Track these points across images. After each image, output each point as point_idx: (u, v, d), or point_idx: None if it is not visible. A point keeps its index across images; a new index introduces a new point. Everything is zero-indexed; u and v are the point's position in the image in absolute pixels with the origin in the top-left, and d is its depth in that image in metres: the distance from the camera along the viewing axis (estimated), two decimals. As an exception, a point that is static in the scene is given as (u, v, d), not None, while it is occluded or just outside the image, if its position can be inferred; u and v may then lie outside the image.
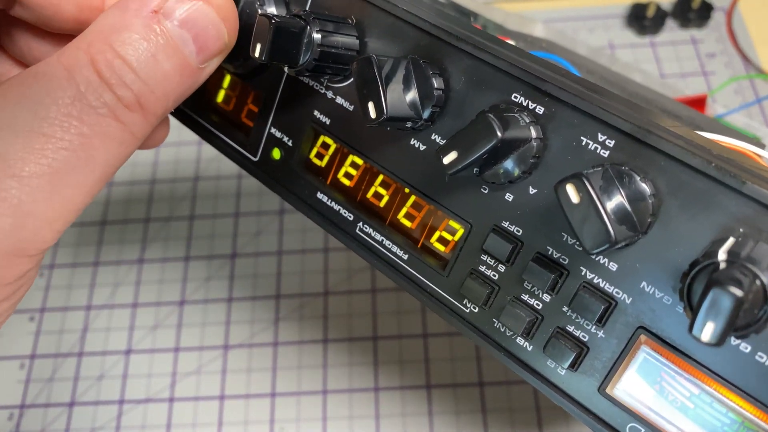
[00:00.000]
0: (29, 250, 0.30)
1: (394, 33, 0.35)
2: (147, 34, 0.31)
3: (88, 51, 0.31)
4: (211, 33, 0.33)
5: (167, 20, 0.32)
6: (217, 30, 0.33)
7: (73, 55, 0.31)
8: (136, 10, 0.31)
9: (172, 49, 0.32)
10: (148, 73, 0.31)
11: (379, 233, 0.38)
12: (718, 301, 0.24)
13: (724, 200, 0.28)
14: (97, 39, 0.31)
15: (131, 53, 0.31)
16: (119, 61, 0.31)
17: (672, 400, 0.31)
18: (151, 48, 0.31)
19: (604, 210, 0.27)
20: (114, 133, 0.31)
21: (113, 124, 0.31)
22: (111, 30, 0.31)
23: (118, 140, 0.32)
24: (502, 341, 0.35)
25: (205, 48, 0.33)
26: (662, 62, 0.76)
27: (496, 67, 0.33)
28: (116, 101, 0.31)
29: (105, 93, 0.30)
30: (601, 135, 0.30)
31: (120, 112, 0.31)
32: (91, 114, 0.30)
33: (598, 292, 0.31)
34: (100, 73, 0.30)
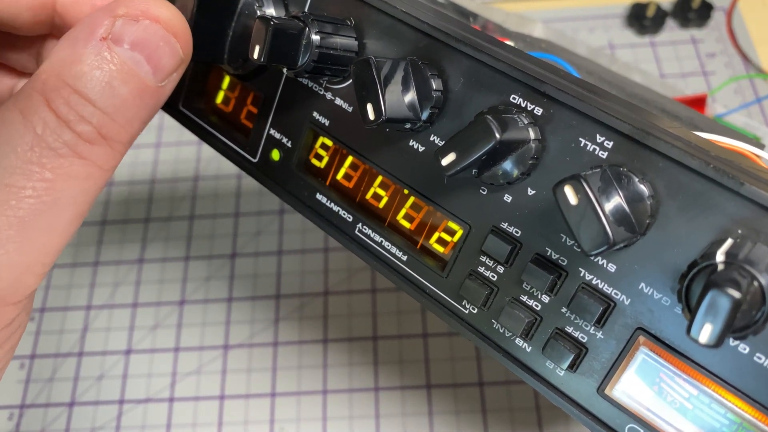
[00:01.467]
0: (11, 298, 0.30)
1: (393, 34, 0.35)
2: (99, 63, 0.31)
3: (43, 91, 0.30)
4: (165, 50, 0.32)
5: (117, 45, 0.31)
6: (170, 46, 0.33)
7: (27, 97, 0.30)
8: (84, 40, 0.31)
9: (127, 74, 0.31)
10: (106, 102, 0.31)
11: (378, 234, 0.38)
12: (716, 303, 0.24)
13: (723, 201, 0.28)
14: (50, 77, 0.30)
15: (86, 85, 0.30)
16: (75, 95, 0.30)
17: (671, 401, 0.31)
18: (105, 76, 0.31)
19: (602, 211, 0.27)
20: (78, 171, 0.31)
21: (76, 162, 0.31)
22: (63, 65, 0.31)
23: (83, 177, 0.31)
24: (501, 342, 0.35)
25: (160, 66, 0.32)
26: (662, 62, 0.76)
27: (494, 68, 0.33)
28: (76, 138, 0.30)
29: (63, 132, 0.30)
30: (599, 136, 0.31)
31: (81, 148, 0.31)
32: (51, 157, 0.30)
33: (596, 293, 0.31)
34: (57, 111, 0.30)
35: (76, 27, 0.32)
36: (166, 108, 0.47)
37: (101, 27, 0.31)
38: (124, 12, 0.31)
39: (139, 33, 0.31)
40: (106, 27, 0.31)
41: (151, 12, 0.32)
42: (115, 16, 0.31)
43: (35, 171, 0.30)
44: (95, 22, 0.31)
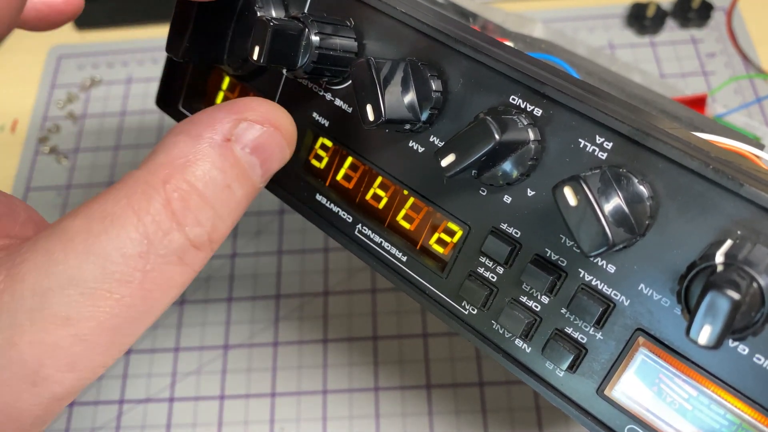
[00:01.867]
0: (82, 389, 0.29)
1: (393, 35, 0.35)
2: (222, 164, 0.30)
3: (164, 190, 0.28)
4: (277, 156, 0.32)
5: (239, 147, 0.30)
6: (282, 153, 0.33)
7: (145, 196, 0.28)
8: (209, 138, 0.30)
9: (244, 177, 0.31)
10: (223, 206, 0.30)
11: (378, 235, 0.38)
12: (715, 304, 0.24)
13: (722, 203, 0.28)
14: (172, 174, 0.29)
15: (209, 188, 0.29)
16: (196, 198, 0.29)
17: (670, 401, 0.31)
18: (227, 178, 0.30)
19: (602, 212, 0.27)
20: (177, 281, 0.29)
21: (178, 270, 0.29)
22: (185, 163, 0.29)
23: (179, 285, 0.30)
24: (500, 343, 0.35)
25: (269, 170, 0.32)
26: (662, 62, 0.76)
27: (493, 69, 0.33)
28: (186, 245, 0.29)
29: (174, 238, 0.28)
30: (599, 137, 0.31)
31: (188, 255, 0.29)
32: (157, 265, 0.28)
33: (596, 294, 0.31)
34: (174, 214, 0.28)
35: (196, 122, 0.31)
36: (165, 108, 0.48)
37: (226, 126, 0.30)
38: (251, 117, 0.31)
39: (261, 138, 0.31)
40: (230, 127, 0.30)
41: (275, 120, 0.32)
42: (241, 118, 0.31)
43: (138, 280, 0.28)
44: (218, 120, 0.30)
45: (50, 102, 0.79)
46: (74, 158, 0.75)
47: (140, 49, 0.83)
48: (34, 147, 0.76)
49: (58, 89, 0.80)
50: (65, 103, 0.79)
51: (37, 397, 0.28)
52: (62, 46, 0.84)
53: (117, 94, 0.79)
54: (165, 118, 0.77)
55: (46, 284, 0.27)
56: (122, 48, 0.83)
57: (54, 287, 0.27)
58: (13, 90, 0.81)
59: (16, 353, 0.27)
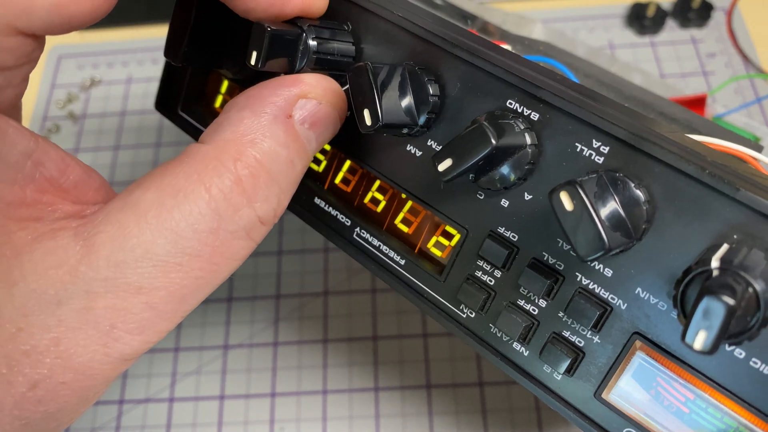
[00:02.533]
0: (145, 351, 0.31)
1: (390, 39, 0.35)
2: (286, 141, 0.31)
3: (235, 168, 0.29)
4: (330, 130, 0.34)
5: (299, 123, 0.31)
6: (335, 127, 0.34)
7: (216, 172, 0.29)
8: (274, 115, 0.31)
9: (303, 151, 0.32)
10: (287, 181, 0.31)
11: (376, 238, 0.38)
12: (711, 310, 0.24)
13: (718, 207, 0.28)
14: (241, 151, 0.30)
15: (275, 164, 0.30)
16: (265, 175, 0.30)
17: (667, 405, 0.31)
18: (290, 154, 0.31)
19: (598, 217, 0.27)
20: (242, 253, 0.31)
21: (245, 245, 0.30)
22: (252, 140, 0.30)
23: (242, 257, 0.31)
24: (498, 346, 0.35)
25: (322, 143, 0.34)
26: (662, 62, 0.76)
27: (491, 73, 0.33)
28: (255, 221, 0.30)
29: (244, 214, 0.30)
30: (595, 141, 0.31)
31: (254, 230, 0.30)
32: (226, 241, 0.29)
33: (593, 297, 0.32)
34: (245, 191, 0.29)
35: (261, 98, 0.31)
36: (165, 112, 0.48)
37: (291, 106, 0.31)
38: (312, 95, 0.32)
39: (319, 114, 0.32)
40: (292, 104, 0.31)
41: (332, 96, 0.33)
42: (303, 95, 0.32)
43: (208, 254, 0.29)
44: (281, 96, 0.31)
45: (50, 102, 0.79)
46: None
47: (140, 49, 0.83)
48: (35, 147, 0.76)
49: (58, 89, 0.80)
50: (65, 103, 0.79)
51: (108, 357, 0.29)
52: (62, 46, 0.84)
53: (117, 94, 0.80)
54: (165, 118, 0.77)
55: (121, 256, 0.28)
56: (122, 48, 0.83)
57: (128, 260, 0.28)
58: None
59: (92, 316, 0.28)
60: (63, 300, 0.28)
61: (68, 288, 0.28)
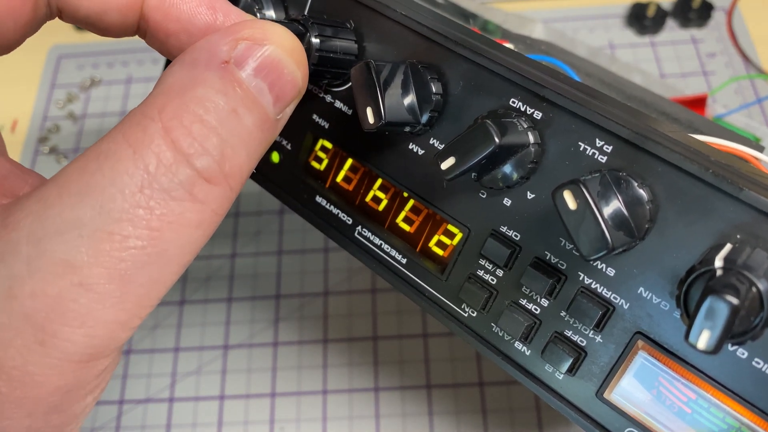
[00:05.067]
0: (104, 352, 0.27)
1: (393, 37, 0.35)
2: (224, 87, 0.27)
3: (160, 118, 0.26)
4: (287, 79, 0.29)
5: (241, 70, 0.27)
6: (293, 75, 0.29)
7: (139, 126, 0.26)
8: (206, 62, 0.27)
9: (251, 101, 0.28)
10: (231, 133, 0.27)
11: (377, 237, 0.38)
12: (715, 309, 0.24)
13: (722, 207, 0.28)
14: (168, 102, 0.26)
15: (210, 113, 0.26)
16: (198, 124, 0.26)
17: (669, 405, 0.31)
18: (230, 102, 0.27)
19: (601, 216, 0.27)
20: (191, 218, 0.27)
21: (189, 207, 0.26)
22: (182, 89, 0.27)
23: (195, 224, 0.27)
24: (500, 346, 0.35)
25: (281, 96, 0.29)
26: (662, 62, 0.76)
27: (493, 72, 0.33)
28: (195, 177, 0.26)
29: (180, 169, 0.26)
30: (598, 140, 0.31)
31: (198, 189, 0.27)
32: (162, 200, 0.26)
33: (595, 297, 0.31)
34: (176, 143, 0.26)
35: (192, 49, 0.28)
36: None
37: (223, 48, 0.28)
38: (248, 35, 0.28)
39: (264, 58, 0.28)
40: (227, 49, 0.28)
41: (275, 37, 0.29)
42: (238, 38, 0.28)
43: (142, 217, 0.25)
44: (215, 43, 0.28)
45: (50, 102, 0.79)
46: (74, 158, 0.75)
47: (140, 49, 0.83)
48: (34, 147, 0.76)
49: (58, 89, 0.80)
50: (65, 103, 0.79)
51: (47, 357, 0.25)
52: (62, 45, 0.84)
53: (117, 94, 0.79)
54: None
55: (41, 230, 0.25)
56: (122, 48, 0.83)
57: (50, 232, 0.25)
58: (13, 90, 0.81)
59: (17, 306, 0.24)
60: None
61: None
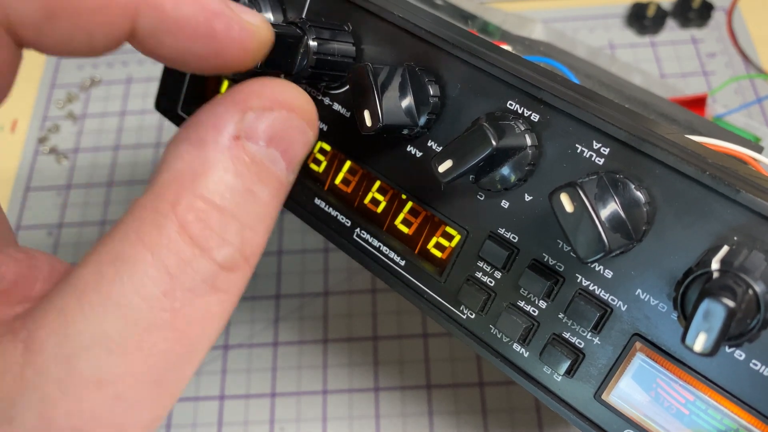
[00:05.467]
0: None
1: (390, 40, 0.35)
2: (237, 168, 0.25)
3: (175, 214, 0.24)
4: (299, 141, 0.28)
5: (252, 143, 0.26)
6: (304, 136, 0.28)
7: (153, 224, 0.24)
8: (214, 142, 0.25)
9: (265, 175, 0.26)
10: (249, 215, 0.26)
11: (376, 239, 0.38)
12: (711, 312, 0.24)
13: (719, 209, 0.28)
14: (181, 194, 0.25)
15: (227, 198, 0.25)
16: (216, 213, 0.25)
17: (667, 406, 0.31)
18: (246, 182, 0.26)
19: (598, 218, 0.27)
20: (215, 310, 0.25)
21: (213, 300, 0.25)
22: (193, 176, 0.25)
23: (219, 315, 0.26)
24: (498, 347, 0.35)
25: (293, 160, 0.28)
26: (662, 62, 0.76)
27: (491, 74, 0.33)
28: (216, 270, 0.25)
29: (202, 265, 0.25)
30: (596, 143, 0.31)
31: (221, 281, 0.25)
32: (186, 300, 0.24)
33: (593, 299, 0.32)
34: (195, 239, 0.24)
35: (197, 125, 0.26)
36: (165, 112, 0.48)
37: (231, 123, 0.26)
38: (257, 104, 0.27)
39: (275, 125, 0.27)
40: (236, 123, 0.26)
41: (286, 100, 0.27)
42: (246, 108, 0.26)
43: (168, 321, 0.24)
44: (222, 117, 0.26)
45: (50, 102, 0.79)
46: (74, 158, 0.75)
47: (140, 48, 0.83)
48: (34, 147, 0.76)
49: (58, 89, 0.80)
50: (65, 103, 0.79)
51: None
52: (62, 45, 0.84)
53: (117, 94, 0.79)
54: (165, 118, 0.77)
55: (68, 349, 0.23)
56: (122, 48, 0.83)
57: (77, 350, 0.23)
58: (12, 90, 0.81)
59: (55, 428, 0.24)
60: (15, 416, 0.23)
61: (18, 400, 0.23)
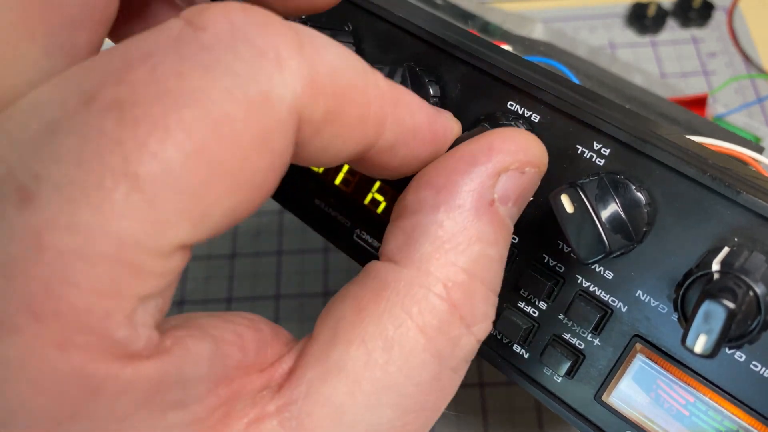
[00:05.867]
0: None
1: (391, 40, 0.35)
2: (495, 236, 0.24)
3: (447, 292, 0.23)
4: (530, 193, 0.27)
5: (503, 206, 0.25)
6: (535, 188, 0.27)
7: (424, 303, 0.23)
8: (475, 208, 0.24)
9: (509, 236, 0.25)
10: (498, 281, 0.25)
11: (376, 240, 0.38)
12: (711, 314, 0.24)
13: (719, 210, 0.28)
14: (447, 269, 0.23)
15: (489, 272, 0.24)
16: (481, 288, 0.24)
17: (667, 408, 0.31)
18: (501, 248, 0.25)
19: (599, 219, 0.27)
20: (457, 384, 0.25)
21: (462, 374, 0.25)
22: (457, 251, 0.24)
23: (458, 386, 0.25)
24: (498, 348, 0.35)
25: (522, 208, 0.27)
26: (663, 62, 0.76)
27: (491, 75, 0.33)
28: (474, 346, 0.24)
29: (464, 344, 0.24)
30: (596, 143, 0.30)
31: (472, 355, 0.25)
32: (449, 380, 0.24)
33: (593, 300, 0.31)
34: (463, 318, 0.23)
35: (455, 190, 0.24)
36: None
37: (488, 189, 0.24)
38: (513, 164, 0.25)
39: (525, 186, 0.25)
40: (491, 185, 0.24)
41: (535, 158, 0.26)
42: (501, 170, 0.25)
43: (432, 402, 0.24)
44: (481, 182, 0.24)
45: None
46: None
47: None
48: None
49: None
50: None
51: None
52: (62, 45, 0.84)
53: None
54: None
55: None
56: (122, 47, 0.83)
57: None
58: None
59: None
60: None
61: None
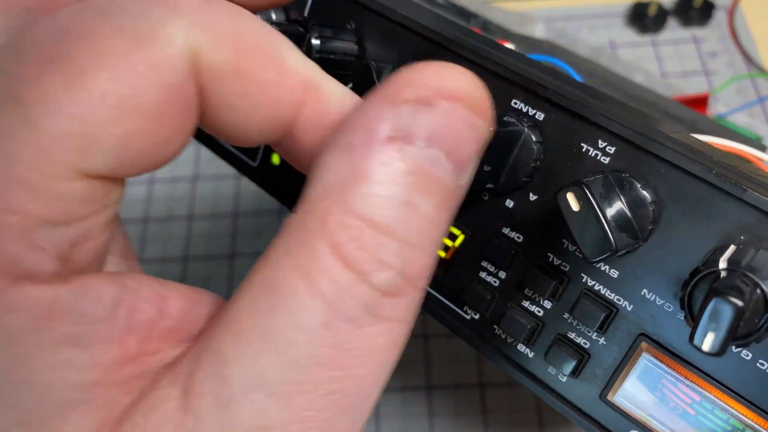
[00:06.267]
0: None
1: (393, 38, 0.35)
2: (392, 176, 0.21)
3: (325, 233, 0.21)
4: (467, 136, 0.23)
5: (409, 144, 0.21)
6: (474, 129, 0.23)
7: (306, 248, 0.21)
8: (365, 146, 0.21)
9: (426, 182, 0.22)
10: (409, 230, 0.22)
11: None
12: (719, 311, 0.24)
13: (725, 208, 0.28)
14: (330, 209, 0.21)
15: (380, 213, 0.21)
16: (371, 231, 0.21)
17: (673, 407, 0.31)
18: (403, 192, 0.21)
19: (604, 217, 0.27)
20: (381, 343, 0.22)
21: (377, 330, 0.22)
22: (342, 188, 0.21)
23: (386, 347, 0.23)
24: (502, 348, 0.35)
25: (462, 159, 0.23)
26: (663, 61, 0.76)
27: (494, 73, 0.32)
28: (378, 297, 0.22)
29: (360, 292, 0.21)
30: (601, 141, 0.30)
31: (384, 309, 0.22)
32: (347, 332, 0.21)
33: (599, 299, 0.31)
34: (350, 261, 0.21)
35: (346, 128, 0.22)
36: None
37: (384, 124, 0.22)
38: (412, 96, 0.22)
39: (437, 120, 0.22)
40: (390, 122, 0.22)
41: (446, 87, 0.22)
42: (400, 102, 0.22)
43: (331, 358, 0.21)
44: (374, 117, 0.22)
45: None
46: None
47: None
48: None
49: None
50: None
51: None
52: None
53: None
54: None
55: (226, 393, 0.21)
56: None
57: (236, 394, 0.21)
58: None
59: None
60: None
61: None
